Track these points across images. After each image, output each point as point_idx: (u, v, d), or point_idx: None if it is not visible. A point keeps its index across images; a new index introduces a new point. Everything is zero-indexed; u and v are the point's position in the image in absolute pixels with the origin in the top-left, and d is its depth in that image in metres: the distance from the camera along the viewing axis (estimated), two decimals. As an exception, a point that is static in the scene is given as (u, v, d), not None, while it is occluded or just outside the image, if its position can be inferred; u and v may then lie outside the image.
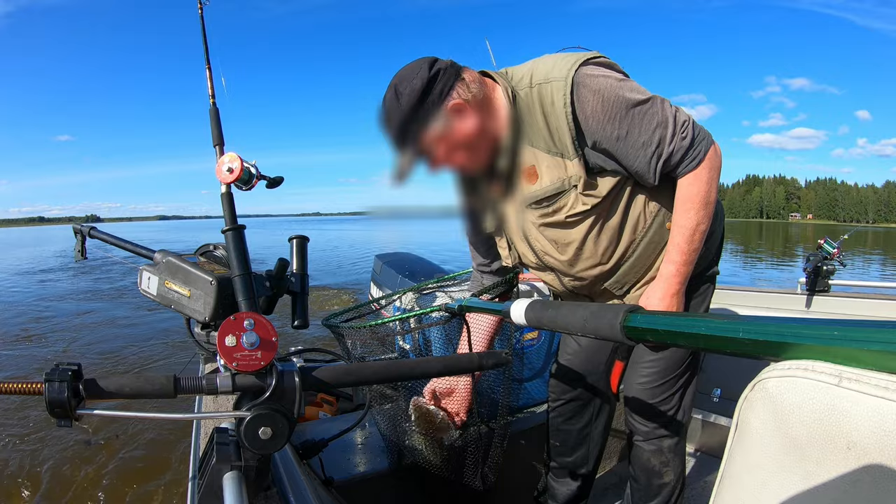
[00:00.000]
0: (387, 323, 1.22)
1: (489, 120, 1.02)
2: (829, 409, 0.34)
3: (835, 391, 0.34)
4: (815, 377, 0.35)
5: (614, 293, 1.15)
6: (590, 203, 1.02)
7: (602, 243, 1.07)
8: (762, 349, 0.41)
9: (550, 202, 1.04)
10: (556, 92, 0.96)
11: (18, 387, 0.53)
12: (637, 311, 0.57)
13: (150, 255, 0.89)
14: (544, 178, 1.03)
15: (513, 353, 1.42)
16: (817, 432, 0.34)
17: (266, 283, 0.85)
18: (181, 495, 2.47)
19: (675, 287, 1.03)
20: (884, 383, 0.32)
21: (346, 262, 14.21)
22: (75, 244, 1.04)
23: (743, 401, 0.40)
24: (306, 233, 0.95)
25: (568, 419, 1.40)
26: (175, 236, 41.99)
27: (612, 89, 0.94)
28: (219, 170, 0.81)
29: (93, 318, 7.01)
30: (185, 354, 4.39)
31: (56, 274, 12.90)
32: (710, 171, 0.99)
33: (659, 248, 1.09)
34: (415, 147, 1.00)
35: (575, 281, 1.15)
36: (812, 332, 0.38)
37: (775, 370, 0.38)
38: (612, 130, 0.95)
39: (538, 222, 1.08)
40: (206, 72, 0.94)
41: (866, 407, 0.32)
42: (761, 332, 0.41)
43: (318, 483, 1.09)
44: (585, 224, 1.05)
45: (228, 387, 0.60)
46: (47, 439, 3.00)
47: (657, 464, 1.21)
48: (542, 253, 1.14)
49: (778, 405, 0.37)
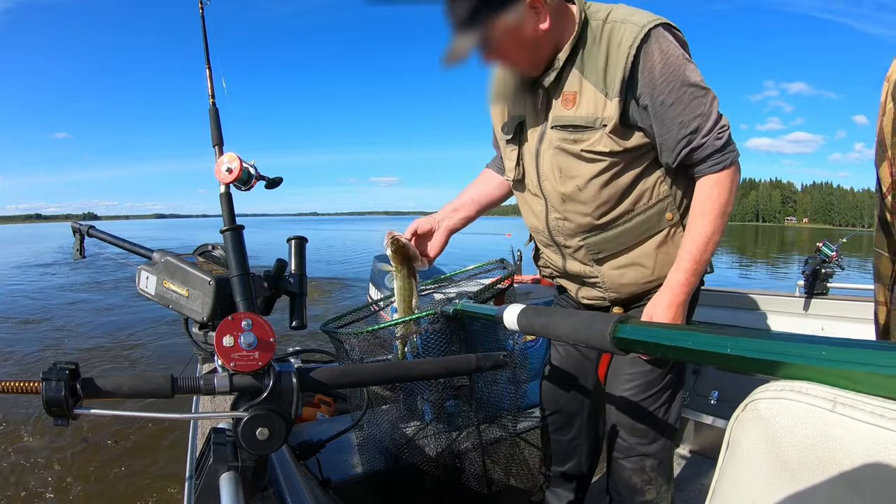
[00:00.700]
0: (385, 328, 1.23)
1: (558, 30, 1.01)
2: (822, 435, 0.33)
3: (828, 416, 0.33)
4: (808, 401, 0.35)
5: (584, 262, 1.14)
6: (610, 147, 1.01)
7: (602, 195, 1.06)
8: (749, 366, 0.41)
9: (576, 131, 1.04)
10: (627, 34, 0.96)
11: (15, 385, 0.53)
12: (627, 322, 0.57)
13: (148, 254, 0.89)
14: (581, 107, 1.03)
15: (511, 355, 1.41)
16: (809, 458, 0.34)
17: (264, 283, 0.85)
18: (178, 496, 2.47)
19: (681, 297, 1.02)
20: (879, 410, 0.31)
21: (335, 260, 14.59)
22: (74, 243, 1.04)
23: (734, 420, 0.39)
24: (303, 233, 0.95)
25: (557, 430, 1.38)
26: (172, 234, 42.00)
27: (677, 60, 0.96)
28: (218, 170, 0.81)
29: (89, 305, 7.68)
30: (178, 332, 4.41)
31: (54, 268, 13.22)
32: (732, 181, 1.00)
33: (647, 235, 1.09)
34: (481, 32, 0.97)
35: (559, 220, 1.13)
36: (800, 350, 0.38)
37: (768, 391, 0.37)
38: (659, 94, 0.96)
39: (556, 145, 1.07)
40: (206, 72, 0.93)
41: (860, 434, 0.32)
42: (749, 348, 0.41)
43: (315, 484, 1.09)
44: (597, 166, 1.04)
45: (226, 387, 0.60)
46: (43, 437, 2.99)
47: (639, 482, 1.16)
48: (543, 176, 1.12)
49: (770, 427, 0.36)
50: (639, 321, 0.58)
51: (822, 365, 0.36)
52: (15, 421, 3.21)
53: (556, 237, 1.17)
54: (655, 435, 1.16)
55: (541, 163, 1.12)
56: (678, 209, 1.09)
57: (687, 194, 1.08)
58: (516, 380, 1.50)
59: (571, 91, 1.04)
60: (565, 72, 1.04)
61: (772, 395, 0.37)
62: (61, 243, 23.23)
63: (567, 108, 1.04)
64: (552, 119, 1.07)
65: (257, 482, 0.69)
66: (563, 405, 1.36)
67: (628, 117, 1.01)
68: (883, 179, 0.86)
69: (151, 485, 2.58)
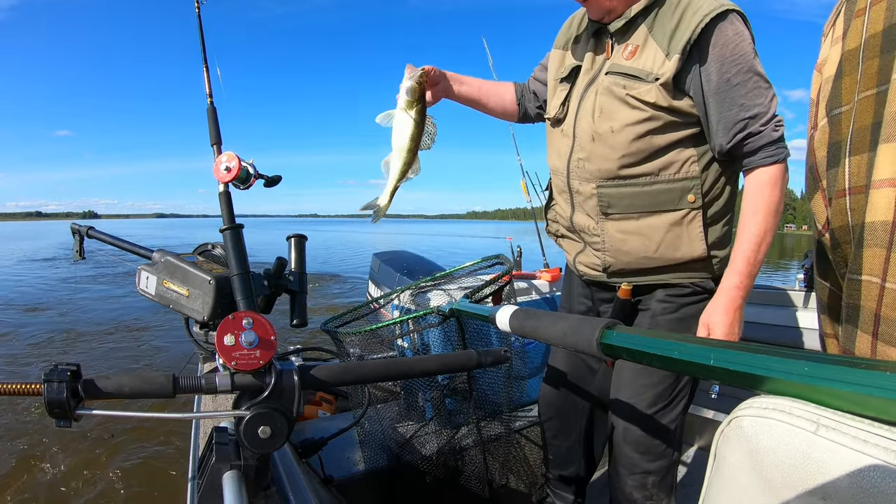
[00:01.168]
0: (384, 327, 1.23)
1: None
2: (805, 458, 0.33)
3: (811, 439, 0.33)
4: (791, 421, 0.35)
5: (591, 215, 1.13)
6: (655, 99, 1.01)
7: (631, 146, 1.05)
8: (733, 378, 0.41)
9: (628, 79, 1.04)
10: (706, 6, 0.97)
11: (17, 387, 0.53)
12: (614, 328, 0.57)
13: (148, 254, 0.89)
14: (640, 60, 1.04)
15: (513, 351, 1.42)
16: (793, 479, 0.34)
17: (264, 282, 0.85)
18: (181, 495, 2.47)
19: (738, 301, 0.99)
20: (862, 435, 0.31)
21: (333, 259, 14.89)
22: (73, 244, 1.04)
23: (720, 434, 0.39)
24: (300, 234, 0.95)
25: (555, 435, 1.36)
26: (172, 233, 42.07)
27: (749, 46, 0.97)
28: (216, 169, 0.81)
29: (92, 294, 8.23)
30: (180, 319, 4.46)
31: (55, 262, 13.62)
32: (783, 178, 0.99)
33: (663, 209, 1.06)
34: None
35: (582, 160, 1.12)
36: (783, 366, 0.38)
37: (752, 407, 0.37)
38: (727, 72, 0.97)
39: (605, 86, 1.08)
40: (204, 71, 0.93)
41: (842, 459, 0.31)
42: (732, 361, 0.42)
43: (317, 482, 1.09)
44: (637, 114, 1.03)
45: (227, 386, 0.60)
46: (44, 437, 2.99)
47: (640, 497, 1.14)
48: (581, 115, 1.12)
49: (753, 445, 0.36)
50: (626, 328, 0.58)
51: (805, 381, 0.36)
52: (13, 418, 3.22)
53: (572, 180, 1.16)
54: (660, 452, 1.13)
55: (584, 103, 1.13)
56: (702, 196, 1.05)
57: (715, 187, 1.07)
58: (517, 376, 1.50)
59: (635, 44, 1.05)
60: (634, 24, 1.06)
61: (755, 412, 0.37)
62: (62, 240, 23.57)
63: (627, 58, 1.06)
64: (609, 65, 1.09)
65: (260, 481, 0.70)
66: (561, 411, 1.34)
67: (683, 81, 1.01)
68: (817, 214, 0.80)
69: (153, 485, 2.58)
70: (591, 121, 1.10)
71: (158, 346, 5.04)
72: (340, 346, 1.38)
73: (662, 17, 1.02)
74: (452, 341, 1.31)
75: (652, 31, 1.03)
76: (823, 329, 0.85)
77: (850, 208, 0.69)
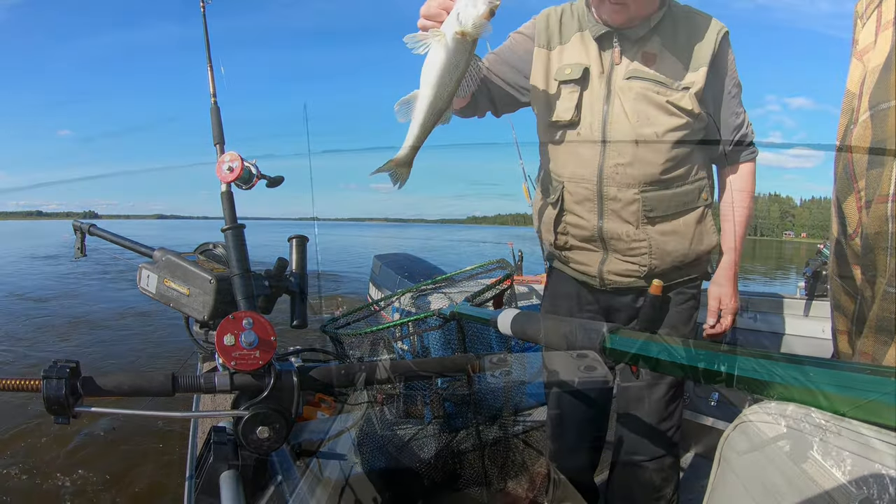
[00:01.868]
0: (384, 329, 1.22)
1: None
2: (808, 462, 0.34)
3: (816, 444, 0.34)
4: (796, 426, 0.35)
5: (630, 221, 1.12)
6: (691, 106, 1.08)
7: (672, 151, 1.10)
8: (740, 384, 0.42)
9: (657, 85, 1.10)
10: (714, 25, 1.10)
11: (15, 383, 0.53)
12: (617, 332, 0.57)
13: (149, 252, 0.89)
14: (661, 67, 1.10)
15: (512, 353, 1.41)
16: (795, 482, 0.34)
17: (265, 282, 0.85)
18: (178, 494, 2.46)
19: (734, 272, 1.17)
20: (868, 441, 0.32)
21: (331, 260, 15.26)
22: (75, 241, 1.04)
23: (725, 438, 0.40)
24: None
25: (558, 434, 1.36)
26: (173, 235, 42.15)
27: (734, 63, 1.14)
28: (219, 168, 0.81)
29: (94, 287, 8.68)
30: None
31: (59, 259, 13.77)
32: None
33: (690, 207, 1.14)
34: None
35: (622, 166, 1.10)
36: (789, 373, 0.38)
37: (757, 412, 0.38)
38: (728, 83, 1.13)
39: (639, 91, 1.10)
40: (208, 70, 0.94)
41: (847, 465, 0.32)
42: (740, 366, 0.42)
43: (314, 483, 1.09)
44: (676, 121, 1.09)
45: (226, 385, 0.60)
46: (41, 435, 2.99)
47: (659, 480, 1.19)
48: (613, 119, 1.11)
49: (758, 450, 0.37)
50: (629, 332, 0.58)
51: (810, 387, 0.36)
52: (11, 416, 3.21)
53: (607, 187, 1.12)
54: (662, 453, 1.19)
55: (611, 107, 1.12)
56: (710, 194, 1.18)
57: (710, 184, 1.19)
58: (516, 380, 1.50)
59: (652, 52, 1.11)
60: (650, 33, 1.11)
61: (761, 417, 0.38)
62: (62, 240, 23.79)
63: (647, 65, 1.11)
64: (629, 71, 1.11)
65: (258, 481, 0.69)
66: (566, 409, 1.35)
67: (703, 90, 1.10)
68: (849, 217, 0.74)
69: (150, 483, 2.58)
70: (628, 125, 1.10)
71: (157, 343, 5.05)
72: (341, 349, 1.38)
73: (669, 28, 1.11)
74: (452, 344, 1.30)
75: (663, 41, 1.10)
76: (836, 326, 0.85)
77: (894, 216, 0.63)
